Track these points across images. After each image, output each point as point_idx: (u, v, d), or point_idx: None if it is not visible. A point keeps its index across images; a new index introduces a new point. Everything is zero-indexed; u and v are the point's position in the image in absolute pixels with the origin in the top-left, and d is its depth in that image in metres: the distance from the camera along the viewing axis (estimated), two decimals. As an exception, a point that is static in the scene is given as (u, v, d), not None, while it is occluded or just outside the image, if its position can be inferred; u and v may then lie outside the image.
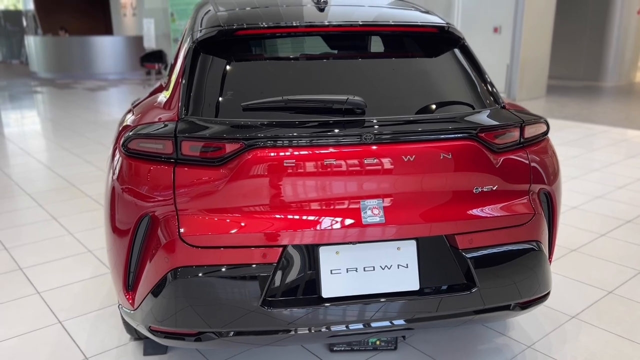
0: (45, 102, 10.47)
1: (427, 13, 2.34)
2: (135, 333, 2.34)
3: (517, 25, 9.37)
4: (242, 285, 1.79)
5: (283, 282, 1.82)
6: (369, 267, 1.86)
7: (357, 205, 1.82)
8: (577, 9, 11.77)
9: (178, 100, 1.95)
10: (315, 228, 1.79)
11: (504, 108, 2.12)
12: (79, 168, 5.50)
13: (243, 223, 1.78)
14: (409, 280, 1.87)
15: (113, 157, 2.02)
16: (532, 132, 2.05)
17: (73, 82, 13.24)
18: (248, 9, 2.24)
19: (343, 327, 1.85)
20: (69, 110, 9.11)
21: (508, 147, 1.98)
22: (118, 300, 2.07)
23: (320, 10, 2.22)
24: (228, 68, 2.01)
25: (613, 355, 2.35)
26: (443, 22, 2.21)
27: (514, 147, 2.00)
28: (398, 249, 1.87)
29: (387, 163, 1.82)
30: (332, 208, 1.81)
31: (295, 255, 1.83)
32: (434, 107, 2.04)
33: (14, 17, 20.39)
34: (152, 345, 2.34)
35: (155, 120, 1.94)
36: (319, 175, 1.79)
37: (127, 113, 2.38)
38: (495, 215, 1.93)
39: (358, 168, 1.80)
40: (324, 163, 1.79)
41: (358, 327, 1.86)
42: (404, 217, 1.83)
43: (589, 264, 3.23)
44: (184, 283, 1.78)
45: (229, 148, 1.76)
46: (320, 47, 2.29)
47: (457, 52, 2.20)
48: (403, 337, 2.42)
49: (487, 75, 2.19)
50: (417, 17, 2.24)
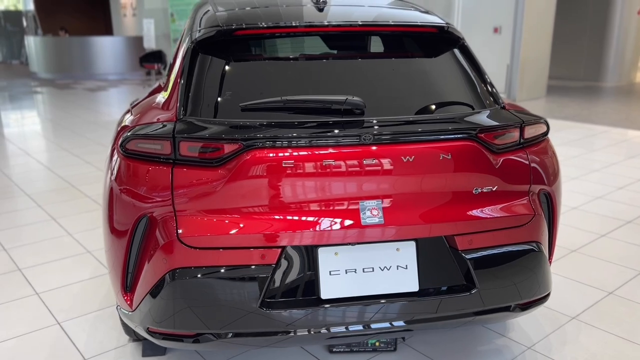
0: (45, 102, 10.47)
1: (426, 13, 2.33)
2: (134, 334, 2.33)
3: (517, 26, 9.37)
4: (240, 287, 1.78)
5: (282, 283, 1.81)
6: (368, 268, 1.85)
7: (356, 206, 1.81)
8: (577, 9, 11.77)
9: (176, 101, 1.94)
10: (314, 229, 1.78)
11: (504, 108, 2.11)
12: (79, 168, 5.50)
13: (241, 224, 1.77)
14: (409, 282, 1.86)
15: (111, 157, 2.01)
16: (532, 132, 2.04)
17: (73, 82, 13.24)
18: (247, 9, 2.24)
19: (342, 328, 1.84)
20: (69, 111, 9.11)
21: (508, 147, 1.97)
22: (116, 302, 2.07)
23: (320, 10, 2.21)
24: (227, 68, 2.00)
25: (613, 356, 2.35)
26: (443, 22, 2.20)
27: (514, 147, 1.99)
28: (397, 250, 1.86)
29: (386, 164, 1.81)
30: (331, 209, 1.80)
31: (294, 256, 1.82)
32: (434, 107, 2.03)
33: (14, 17, 20.40)
34: (150, 347, 2.33)
35: (154, 121, 1.93)
36: (318, 176, 1.79)
37: (125, 113, 2.37)
38: (495, 216, 1.93)
39: (357, 169, 1.80)
40: (323, 164, 1.78)
41: (357, 328, 1.85)
42: (404, 218, 1.82)
43: (589, 265, 3.22)
44: (182, 284, 1.77)
45: (228, 148, 1.76)
46: (320, 47, 2.28)
47: (456, 52, 2.19)
48: (403, 338, 2.41)
49: (486, 76, 2.19)
50: (416, 17, 2.24)
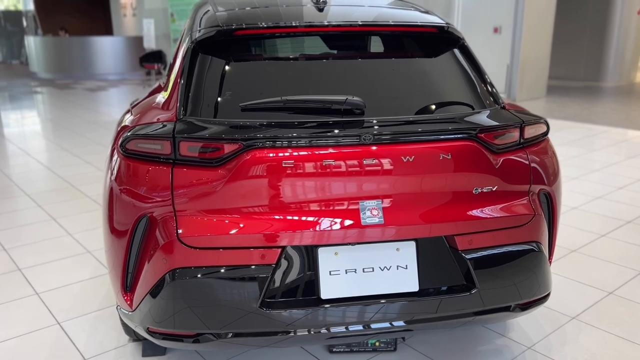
0: (45, 102, 10.47)
1: (426, 13, 2.33)
2: (134, 334, 2.33)
3: (517, 26, 9.36)
4: (240, 287, 1.78)
5: (282, 283, 1.81)
6: (368, 268, 1.85)
7: (356, 206, 1.81)
8: (577, 9, 11.77)
9: (176, 101, 1.94)
10: (314, 229, 1.78)
11: (504, 108, 2.11)
12: (79, 169, 5.50)
13: (241, 224, 1.77)
14: (409, 282, 1.86)
15: (111, 157, 2.01)
16: (532, 132, 2.04)
17: (73, 82, 13.24)
18: (247, 9, 2.23)
19: (342, 328, 1.84)
20: (69, 111, 9.11)
21: (508, 147, 1.97)
22: (116, 302, 2.07)
23: (320, 10, 2.21)
24: (227, 68, 2.00)
25: (613, 356, 2.34)
26: (442, 22, 2.20)
27: (514, 147, 1.99)
28: (397, 250, 1.86)
29: (386, 164, 1.81)
30: (331, 209, 1.80)
31: (294, 256, 1.82)
32: (434, 107, 2.03)
33: (14, 17, 20.39)
34: (150, 347, 2.33)
35: (154, 121, 1.93)
36: (318, 176, 1.79)
37: (125, 113, 2.37)
38: (495, 216, 1.93)
39: (357, 169, 1.79)
40: (323, 164, 1.78)
41: (357, 328, 1.85)
42: (404, 218, 1.82)
43: (589, 265, 3.22)
44: (182, 284, 1.77)
45: (228, 148, 1.76)
46: (320, 47, 2.28)
47: (456, 52, 2.19)
48: (403, 338, 2.41)
49: (486, 76, 2.19)
50: (416, 17, 2.24)
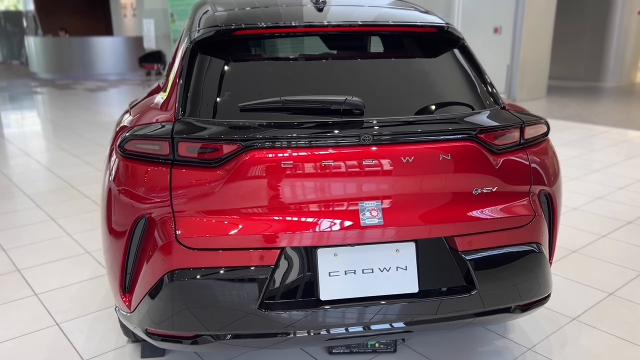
0: (45, 102, 10.47)
1: (426, 13, 2.33)
2: (133, 335, 2.32)
3: (517, 26, 9.36)
4: (239, 288, 1.77)
5: (281, 284, 1.80)
6: (368, 269, 1.84)
7: (355, 207, 1.80)
8: (577, 9, 11.76)
9: (175, 101, 1.93)
10: (313, 230, 1.77)
11: (504, 109, 2.10)
12: (78, 169, 5.49)
13: (240, 225, 1.77)
14: (408, 283, 1.85)
15: (110, 158, 2.00)
16: (532, 132, 2.04)
17: (73, 82, 13.24)
18: (246, 9, 2.23)
19: (342, 329, 1.83)
20: (69, 111, 9.10)
21: (508, 148, 1.96)
22: (115, 303, 2.06)
23: (319, 10, 2.20)
24: (226, 68, 2.00)
25: (614, 358, 2.34)
26: (442, 22, 2.19)
27: (514, 148, 1.98)
28: (397, 251, 1.85)
29: (385, 164, 1.80)
30: (330, 210, 1.79)
31: (293, 257, 1.81)
32: (433, 107, 2.02)
33: (14, 17, 20.39)
34: (149, 348, 2.32)
35: (152, 121, 1.92)
36: (317, 177, 1.78)
37: (124, 114, 2.36)
38: (495, 217, 1.92)
39: (356, 169, 1.79)
40: (322, 164, 1.77)
41: (357, 329, 1.84)
42: (403, 218, 1.82)
43: (590, 266, 3.21)
44: (181, 285, 1.76)
45: (226, 149, 1.75)
46: (319, 47, 2.28)
47: (456, 52, 2.18)
48: (402, 339, 2.40)
49: (486, 76, 2.18)
50: (416, 17, 2.23)
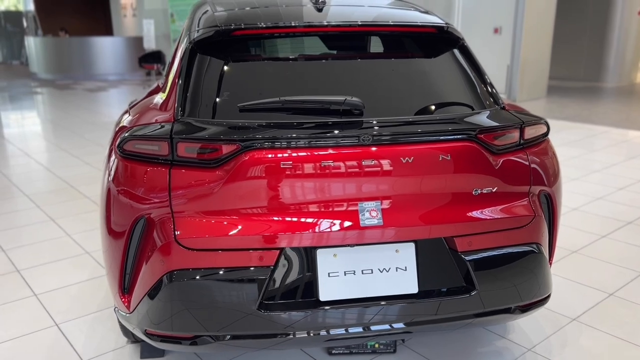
0: (45, 103, 10.47)
1: (426, 13, 2.32)
2: (132, 336, 2.32)
3: (517, 26, 9.35)
4: (238, 288, 1.77)
5: (280, 285, 1.80)
6: (367, 269, 1.84)
7: (355, 208, 1.80)
8: (577, 10, 11.76)
9: (174, 101, 1.93)
10: (313, 230, 1.77)
11: (504, 109, 2.10)
12: (78, 169, 5.49)
13: (239, 225, 1.76)
14: (408, 283, 1.85)
15: (109, 158, 2.00)
16: (532, 133, 2.03)
17: (73, 83, 13.24)
18: (245, 9, 2.22)
19: (341, 330, 1.83)
20: (69, 111, 9.10)
21: (508, 148, 1.96)
22: (114, 303, 2.05)
23: (319, 11, 2.20)
24: (225, 69, 1.99)
25: (614, 358, 2.33)
26: (442, 22, 2.19)
27: (514, 148, 1.98)
28: (396, 252, 1.85)
29: (385, 165, 1.80)
30: (329, 210, 1.79)
31: (293, 258, 1.81)
32: (433, 108, 2.02)
33: (15, 17, 20.40)
34: (149, 349, 2.31)
35: (152, 122, 1.92)
36: (317, 177, 1.77)
37: (123, 114, 2.36)
38: (495, 218, 1.91)
39: (356, 170, 1.78)
40: (322, 165, 1.77)
41: (356, 330, 1.84)
42: (403, 219, 1.81)
43: (590, 266, 3.21)
44: (180, 286, 1.76)
45: (226, 149, 1.75)
46: (319, 47, 2.27)
47: (456, 52, 2.18)
48: (402, 340, 2.40)
49: (486, 76, 2.17)
50: (416, 17, 2.23)
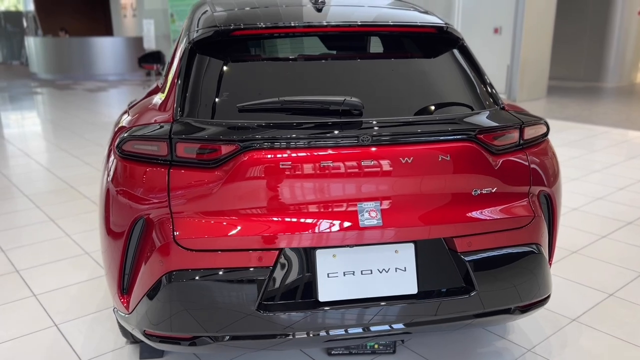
0: (45, 103, 10.46)
1: (426, 13, 2.32)
2: (131, 337, 2.32)
3: (517, 26, 9.35)
4: (237, 289, 1.77)
5: (279, 285, 1.79)
6: (367, 270, 1.83)
7: (354, 208, 1.79)
8: (577, 10, 11.76)
9: (173, 102, 1.92)
10: (312, 231, 1.76)
11: (504, 109, 2.10)
12: (78, 169, 5.48)
13: (239, 226, 1.76)
14: (407, 284, 1.84)
15: (108, 158, 2.00)
16: (531, 133, 2.03)
17: (73, 83, 13.24)
18: (245, 9, 2.22)
19: (340, 331, 1.83)
20: (69, 112, 9.10)
21: (507, 148, 1.96)
22: (113, 304, 2.05)
23: (318, 11, 2.20)
24: (224, 69, 1.99)
25: (614, 359, 2.33)
26: (442, 22, 2.19)
27: (514, 148, 1.97)
28: (396, 252, 1.84)
29: (384, 165, 1.79)
30: (329, 210, 1.79)
31: (292, 259, 1.81)
32: (433, 108, 2.02)
33: (15, 18, 20.40)
34: (148, 349, 2.31)
35: (151, 122, 1.92)
36: (316, 178, 1.77)
37: (123, 114, 2.36)
38: (495, 218, 1.91)
39: (355, 170, 1.78)
40: (321, 165, 1.76)
41: (356, 331, 1.84)
42: (402, 219, 1.81)
43: (590, 266, 3.20)
44: (179, 286, 1.76)
45: (225, 150, 1.74)
46: (318, 47, 2.27)
47: (456, 52, 2.18)
48: (402, 340, 2.40)
49: (486, 76, 2.17)
50: (415, 17, 2.22)
